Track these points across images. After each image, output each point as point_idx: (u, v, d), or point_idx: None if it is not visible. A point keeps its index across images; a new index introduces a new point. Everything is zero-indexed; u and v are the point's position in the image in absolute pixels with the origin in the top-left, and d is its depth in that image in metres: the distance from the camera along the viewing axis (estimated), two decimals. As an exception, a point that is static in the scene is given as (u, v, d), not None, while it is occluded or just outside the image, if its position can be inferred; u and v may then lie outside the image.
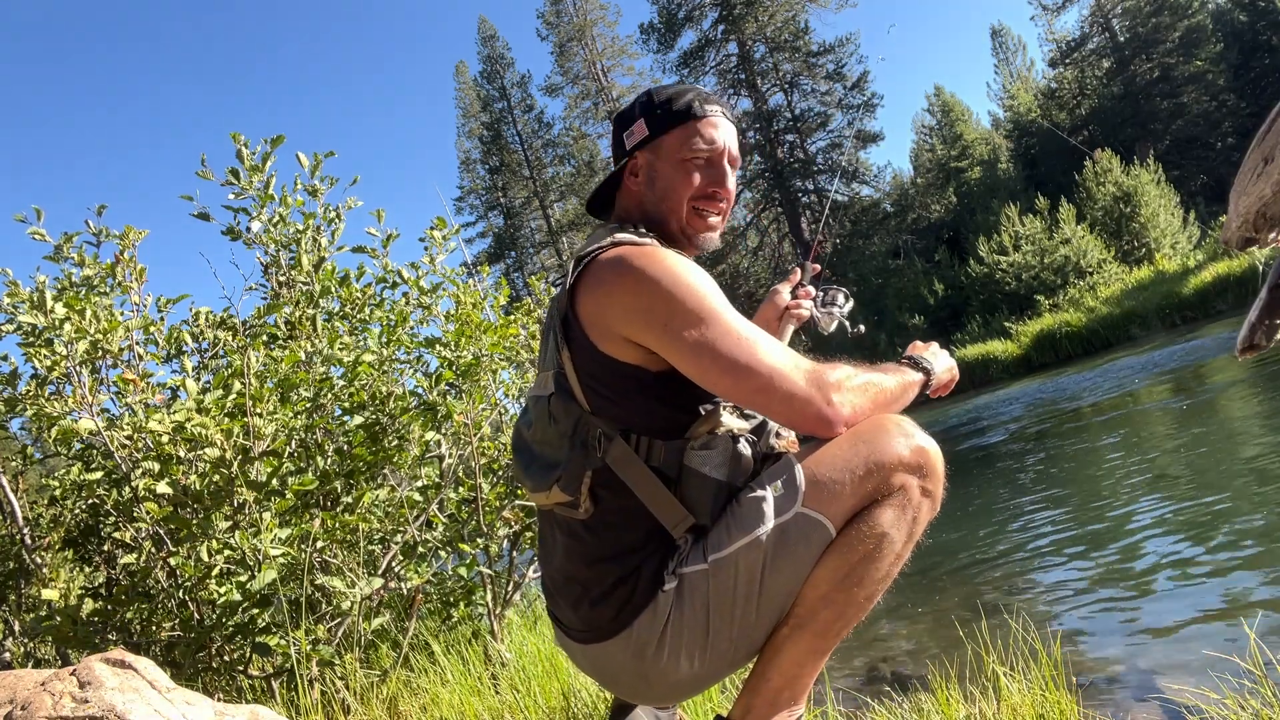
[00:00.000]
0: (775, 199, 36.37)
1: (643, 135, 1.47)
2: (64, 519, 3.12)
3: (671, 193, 1.45)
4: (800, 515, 1.26)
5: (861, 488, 1.25)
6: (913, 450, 1.27)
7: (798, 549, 1.26)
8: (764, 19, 35.01)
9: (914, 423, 1.30)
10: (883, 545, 1.25)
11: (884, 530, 1.25)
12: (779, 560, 1.26)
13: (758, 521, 1.27)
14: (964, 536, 4.60)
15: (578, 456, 1.33)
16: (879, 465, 1.25)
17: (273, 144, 3.26)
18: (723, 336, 1.25)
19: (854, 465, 1.25)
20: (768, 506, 1.27)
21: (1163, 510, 3.86)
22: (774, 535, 1.26)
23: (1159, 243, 23.60)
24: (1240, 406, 6.12)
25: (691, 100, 1.46)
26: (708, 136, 1.45)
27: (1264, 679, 1.53)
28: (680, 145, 1.45)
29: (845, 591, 1.25)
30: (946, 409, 16.06)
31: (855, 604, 1.26)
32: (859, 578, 1.25)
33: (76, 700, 0.90)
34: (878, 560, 1.25)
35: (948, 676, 1.95)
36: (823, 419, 1.25)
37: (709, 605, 1.28)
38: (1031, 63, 41.19)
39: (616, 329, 1.30)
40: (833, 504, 1.25)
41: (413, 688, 2.64)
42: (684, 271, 1.29)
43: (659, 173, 1.46)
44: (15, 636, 3.01)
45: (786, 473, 1.29)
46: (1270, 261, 1.65)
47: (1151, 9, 33.14)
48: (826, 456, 1.28)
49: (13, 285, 2.72)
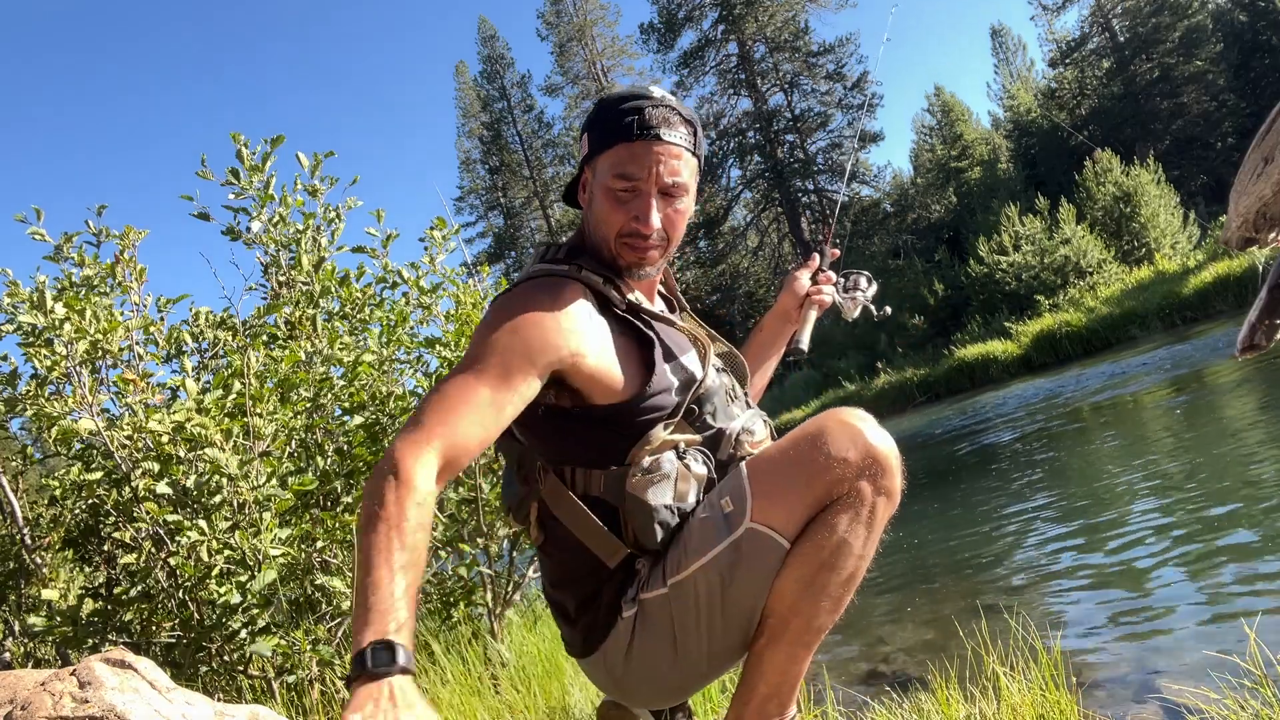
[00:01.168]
0: (775, 199, 36.36)
1: (586, 152, 1.38)
2: (64, 519, 3.12)
3: (601, 223, 1.36)
4: (751, 530, 1.24)
5: (810, 495, 1.22)
6: (860, 451, 1.21)
7: (753, 563, 1.24)
8: (764, 19, 34.99)
9: (864, 415, 1.25)
10: (841, 551, 1.22)
11: (840, 536, 1.22)
12: (736, 576, 1.24)
13: (710, 542, 1.25)
14: (964, 536, 4.59)
15: (522, 489, 1.38)
16: (825, 471, 1.21)
17: (273, 144, 3.26)
18: (441, 386, 1.20)
19: (800, 474, 1.23)
20: (718, 526, 1.26)
21: (1163, 510, 3.86)
22: (728, 553, 1.24)
23: (1159, 243, 23.58)
24: (1240, 407, 6.12)
25: (631, 117, 1.30)
26: (634, 168, 1.31)
27: (1264, 679, 1.53)
28: (608, 171, 1.33)
29: (812, 599, 1.24)
30: (946, 409, 16.07)
31: (825, 608, 1.25)
32: (823, 584, 1.23)
33: (76, 700, 0.90)
34: (839, 566, 1.23)
35: (948, 676, 1.95)
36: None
37: (673, 627, 1.27)
38: (1031, 63, 41.19)
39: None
40: (782, 516, 1.23)
41: (413, 688, 2.64)
42: (504, 322, 1.24)
43: (594, 196, 1.37)
44: (15, 636, 3.01)
45: (735, 487, 1.27)
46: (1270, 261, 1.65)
47: (1151, 9, 33.12)
48: (775, 465, 1.26)
49: (13, 285, 2.72)
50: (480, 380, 1.18)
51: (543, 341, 1.23)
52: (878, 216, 34.91)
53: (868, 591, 3.90)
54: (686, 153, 1.34)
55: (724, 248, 37.49)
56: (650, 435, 1.30)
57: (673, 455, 1.30)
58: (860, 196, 35.44)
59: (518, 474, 1.40)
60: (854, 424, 1.23)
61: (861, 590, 1.33)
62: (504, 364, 1.20)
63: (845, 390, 23.89)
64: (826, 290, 1.79)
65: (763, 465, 1.27)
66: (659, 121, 1.31)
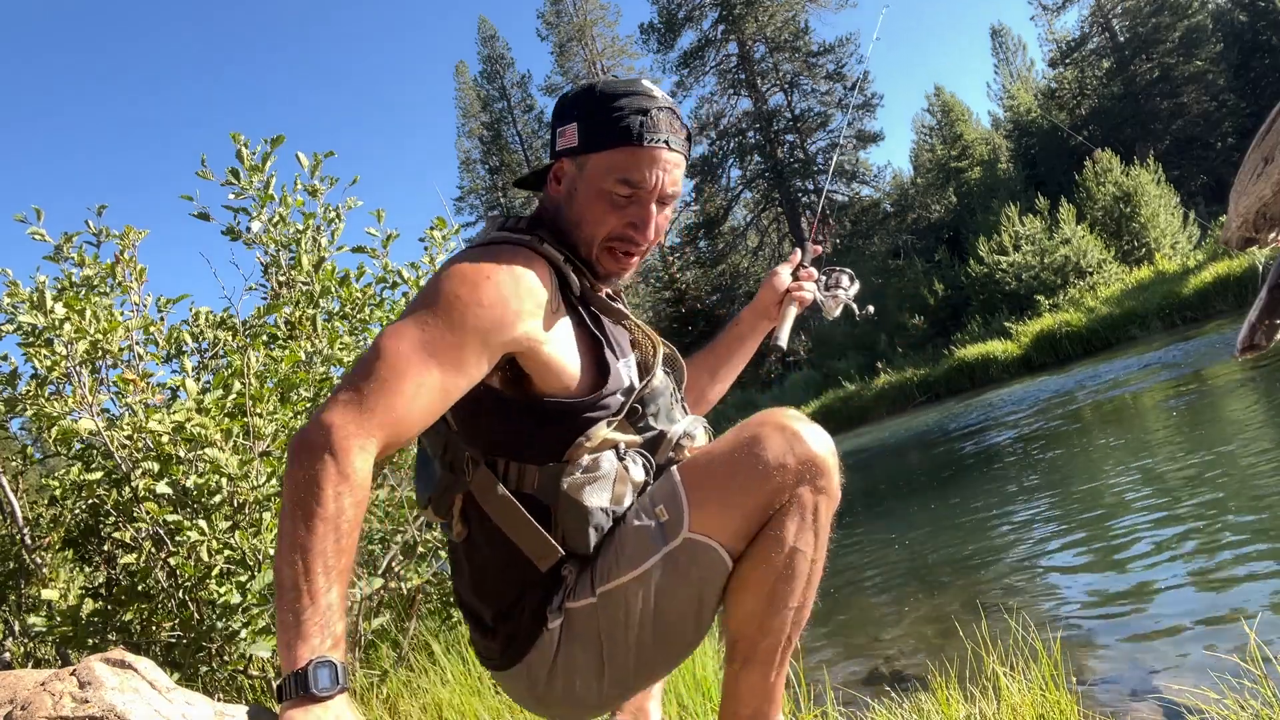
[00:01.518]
0: (775, 199, 36.38)
1: (571, 144, 1.28)
2: (64, 519, 3.12)
3: (586, 223, 1.28)
4: (689, 541, 1.18)
5: (749, 504, 1.18)
6: (797, 456, 1.17)
7: (690, 574, 1.19)
8: (764, 19, 35.02)
9: (799, 416, 1.21)
10: (794, 559, 1.18)
11: (790, 545, 1.18)
12: (672, 589, 1.19)
13: (645, 552, 1.19)
14: (964, 536, 4.60)
15: (447, 478, 1.26)
16: (764, 479, 1.16)
17: (272, 144, 3.26)
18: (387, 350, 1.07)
19: (738, 482, 1.17)
20: (653, 535, 1.20)
21: (1163, 510, 3.86)
22: (663, 564, 1.19)
23: (1159, 243, 23.59)
24: (1240, 407, 6.12)
25: (637, 119, 1.24)
26: (639, 175, 1.25)
27: (1264, 679, 1.53)
28: (605, 173, 1.25)
29: (776, 614, 1.20)
30: (946, 409, 16.07)
31: (790, 620, 1.21)
32: (784, 597, 1.19)
33: (76, 700, 0.90)
34: (795, 575, 1.19)
35: (948, 676, 1.95)
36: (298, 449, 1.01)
37: (600, 639, 1.21)
38: (1031, 63, 41.20)
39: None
40: (721, 526, 1.18)
41: (413, 688, 2.64)
42: (463, 291, 1.13)
43: (579, 193, 1.28)
44: (15, 636, 3.01)
45: (671, 494, 1.21)
46: (1270, 261, 1.65)
47: (1151, 9, 33.14)
48: (711, 472, 1.20)
49: (13, 285, 2.72)
50: (432, 357, 1.07)
51: (502, 319, 1.14)
52: (878, 216, 34.94)
53: (868, 591, 3.91)
54: (683, 160, 1.31)
55: (724, 248, 37.51)
56: (591, 433, 1.23)
57: (613, 456, 1.24)
58: (860, 196, 35.46)
59: (441, 460, 1.28)
60: (790, 426, 1.19)
61: (861, 590, 1.32)
62: (459, 343, 1.10)
63: (845, 390, 23.89)
64: (808, 287, 1.74)
65: (698, 472, 1.22)
66: (666, 128, 1.26)
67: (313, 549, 0.93)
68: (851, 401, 23.15)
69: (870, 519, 6.35)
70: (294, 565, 0.93)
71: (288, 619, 0.92)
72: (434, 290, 1.13)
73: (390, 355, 1.05)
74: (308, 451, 0.98)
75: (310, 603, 0.91)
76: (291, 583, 0.92)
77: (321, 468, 0.96)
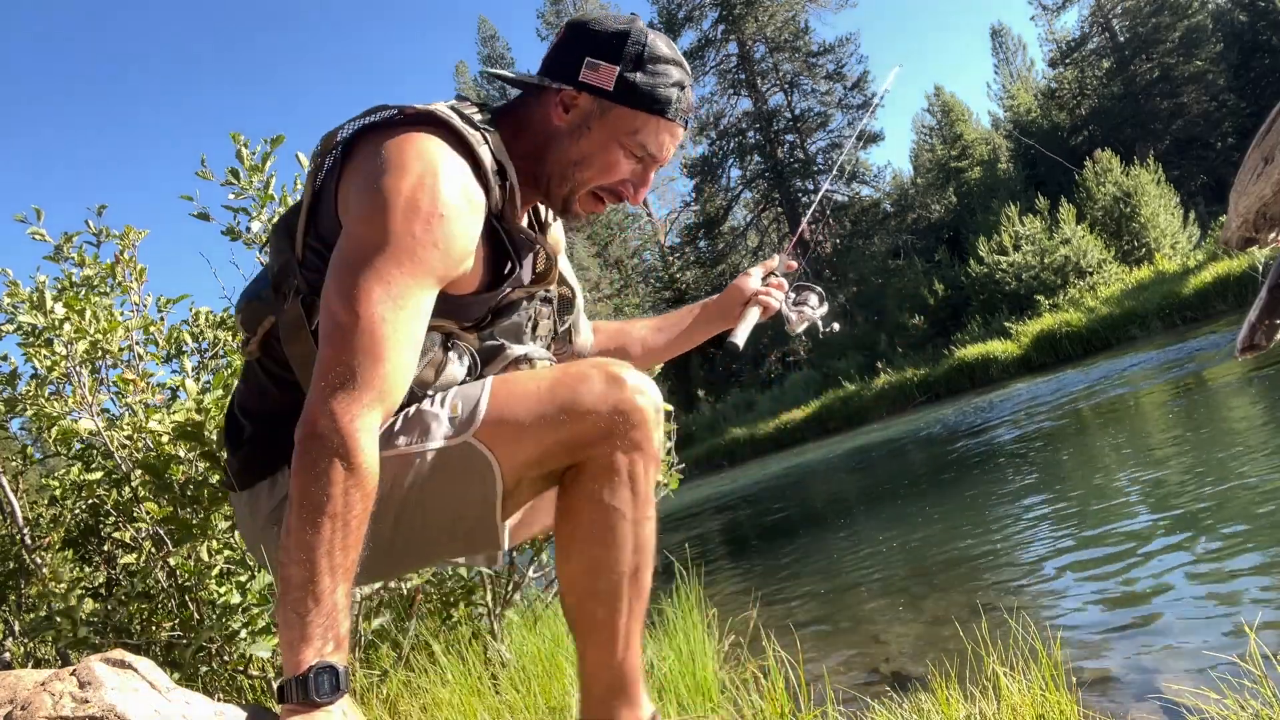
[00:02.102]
0: (775, 199, 36.39)
1: (606, 87, 1.22)
2: (64, 519, 3.12)
3: (586, 166, 1.25)
4: (467, 445, 1.11)
5: (547, 437, 1.10)
6: (614, 404, 1.10)
7: (453, 480, 1.12)
8: (764, 19, 35.03)
9: (629, 367, 1.14)
10: (612, 520, 1.12)
11: (605, 503, 1.11)
12: (429, 485, 1.12)
13: (421, 437, 1.12)
14: (964, 536, 4.59)
15: (267, 296, 1.21)
16: (572, 415, 1.09)
17: (273, 144, 3.25)
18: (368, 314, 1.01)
19: (544, 410, 1.10)
20: (437, 426, 1.13)
21: (1163, 510, 3.86)
22: (433, 458, 1.12)
23: (1159, 243, 23.60)
24: (1240, 407, 6.12)
25: (674, 93, 1.24)
26: (660, 142, 1.26)
27: (1264, 679, 1.53)
28: (629, 131, 1.24)
29: (600, 578, 1.13)
30: (946, 409, 16.07)
31: (622, 588, 1.14)
32: (607, 562, 1.13)
33: (76, 700, 0.90)
34: (615, 538, 1.12)
35: (948, 676, 1.95)
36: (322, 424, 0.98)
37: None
38: (1031, 63, 41.21)
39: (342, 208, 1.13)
40: (508, 445, 1.11)
41: (413, 688, 2.64)
42: (427, 218, 1.05)
43: (591, 134, 1.24)
44: (15, 636, 3.01)
45: (469, 396, 1.15)
46: (1270, 261, 1.65)
47: (1151, 9, 33.14)
48: (521, 392, 1.13)
49: (13, 285, 2.72)
50: (402, 309, 1.03)
51: (459, 258, 1.11)
52: (878, 216, 34.94)
53: (868, 591, 3.91)
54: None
55: (724, 248, 37.51)
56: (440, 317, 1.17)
57: (438, 339, 1.18)
58: (860, 196, 35.47)
59: (274, 278, 1.22)
60: (618, 374, 1.12)
61: (861, 590, 1.31)
62: (422, 286, 1.06)
63: (845, 390, 23.90)
64: (775, 295, 1.68)
65: (509, 386, 1.15)
66: (689, 107, 1.28)
67: (319, 547, 0.91)
68: (851, 401, 23.16)
69: (870, 519, 6.35)
70: (300, 564, 0.91)
71: (291, 618, 0.91)
72: (385, 223, 1.05)
73: (365, 322, 1.00)
74: (317, 444, 0.96)
75: (315, 604, 0.90)
76: (297, 581, 0.91)
77: (330, 463, 0.94)
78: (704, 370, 34.77)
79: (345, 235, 1.08)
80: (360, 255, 1.04)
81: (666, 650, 2.48)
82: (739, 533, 8.17)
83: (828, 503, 8.82)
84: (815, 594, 4.13)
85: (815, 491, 10.46)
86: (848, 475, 11.07)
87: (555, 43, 1.28)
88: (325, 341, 1.02)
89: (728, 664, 2.81)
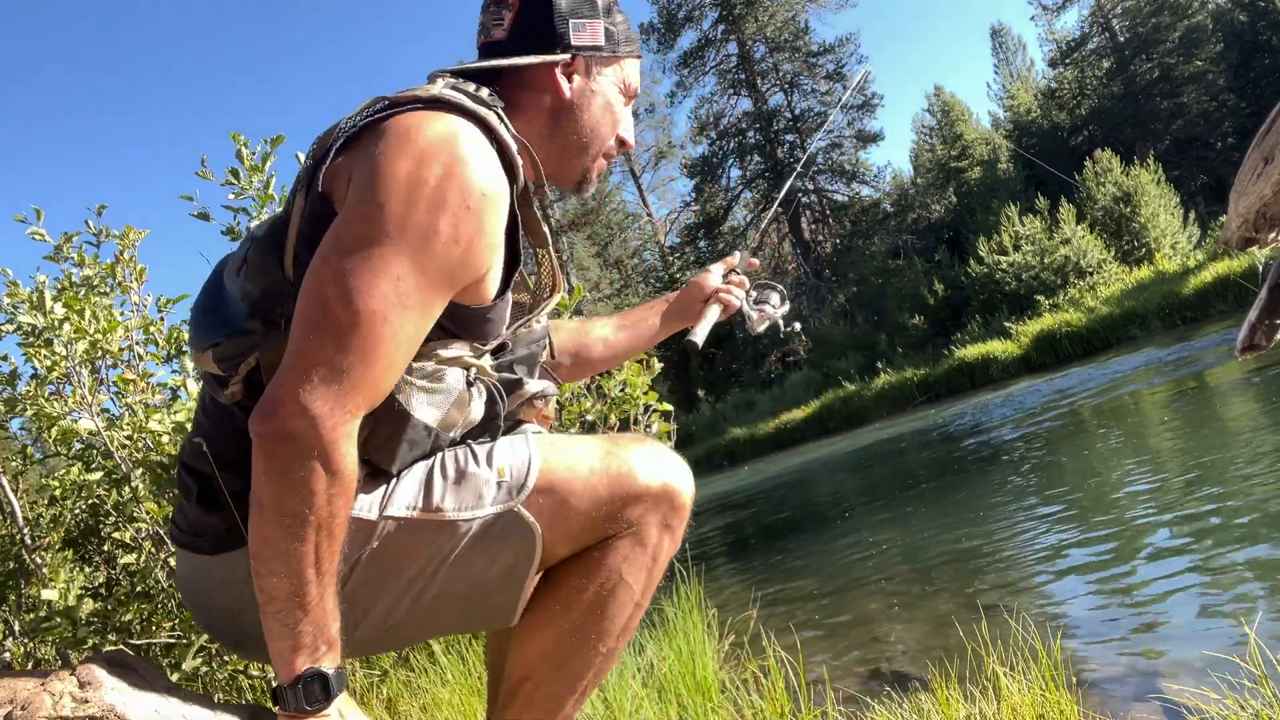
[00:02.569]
0: (775, 199, 36.36)
1: (599, 43, 1.16)
2: (64, 519, 3.12)
3: (597, 136, 1.20)
4: (514, 514, 1.02)
5: (594, 511, 1.04)
6: (663, 484, 1.06)
7: (493, 551, 1.02)
8: (764, 19, 35.03)
9: (669, 449, 1.11)
10: (618, 594, 1.05)
11: (619, 575, 1.04)
12: (468, 557, 1.02)
13: (468, 504, 1.02)
14: (964, 537, 4.59)
15: (253, 329, 1.02)
16: (624, 491, 1.04)
17: (272, 144, 3.25)
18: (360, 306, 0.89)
19: (598, 483, 1.03)
20: (488, 491, 1.03)
21: (1162, 511, 3.86)
22: (476, 528, 1.02)
23: (1159, 243, 23.60)
24: (1240, 407, 6.12)
25: (630, 28, 1.21)
26: (636, 84, 1.23)
27: (1264, 679, 1.53)
28: (618, 82, 1.20)
29: (578, 654, 1.05)
30: (946, 409, 16.07)
31: (593, 668, 1.06)
32: (594, 636, 1.05)
33: (76, 700, 0.90)
34: (612, 613, 1.05)
35: (948, 676, 1.95)
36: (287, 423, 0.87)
37: (353, 564, 1.00)
38: (1031, 63, 41.19)
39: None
40: (555, 516, 1.03)
41: (412, 688, 2.64)
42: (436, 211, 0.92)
43: (593, 100, 1.18)
44: (15, 636, 3.01)
45: (522, 459, 1.05)
46: (1270, 261, 1.65)
47: (1151, 9, 33.14)
48: (573, 459, 1.05)
49: (13, 285, 2.72)
50: (407, 310, 0.92)
51: (477, 261, 0.98)
52: (878, 216, 34.94)
53: (868, 591, 3.91)
54: None
55: (724, 248, 37.47)
56: (452, 343, 1.05)
57: (461, 375, 1.06)
58: (860, 196, 35.48)
59: (255, 306, 1.03)
60: (669, 455, 1.10)
61: (861, 590, 1.31)
62: (432, 286, 0.94)
63: (845, 390, 23.90)
64: (736, 293, 1.64)
65: (559, 454, 1.06)
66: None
67: (304, 558, 0.86)
68: (851, 401, 23.16)
69: (870, 519, 6.35)
70: (283, 575, 0.86)
71: (277, 629, 0.87)
72: (402, 212, 0.92)
73: (366, 319, 0.89)
74: (291, 448, 0.86)
75: (303, 614, 0.86)
76: (282, 594, 0.86)
77: (310, 469, 0.86)
78: (704, 370, 34.76)
79: (348, 218, 0.93)
80: (366, 243, 0.91)
81: (666, 650, 2.48)
82: (739, 533, 8.18)
83: (828, 503, 8.82)
84: (815, 594, 4.13)
85: (815, 491, 10.46)
86: (848, 475, 11.07)
87: (518, 12, 1.14)
88: (309, 330, 0.89)
89: (728, 664, 2.81)
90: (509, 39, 1.14)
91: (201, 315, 1.09)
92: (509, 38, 1.14)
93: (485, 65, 1.13)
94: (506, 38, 1.14)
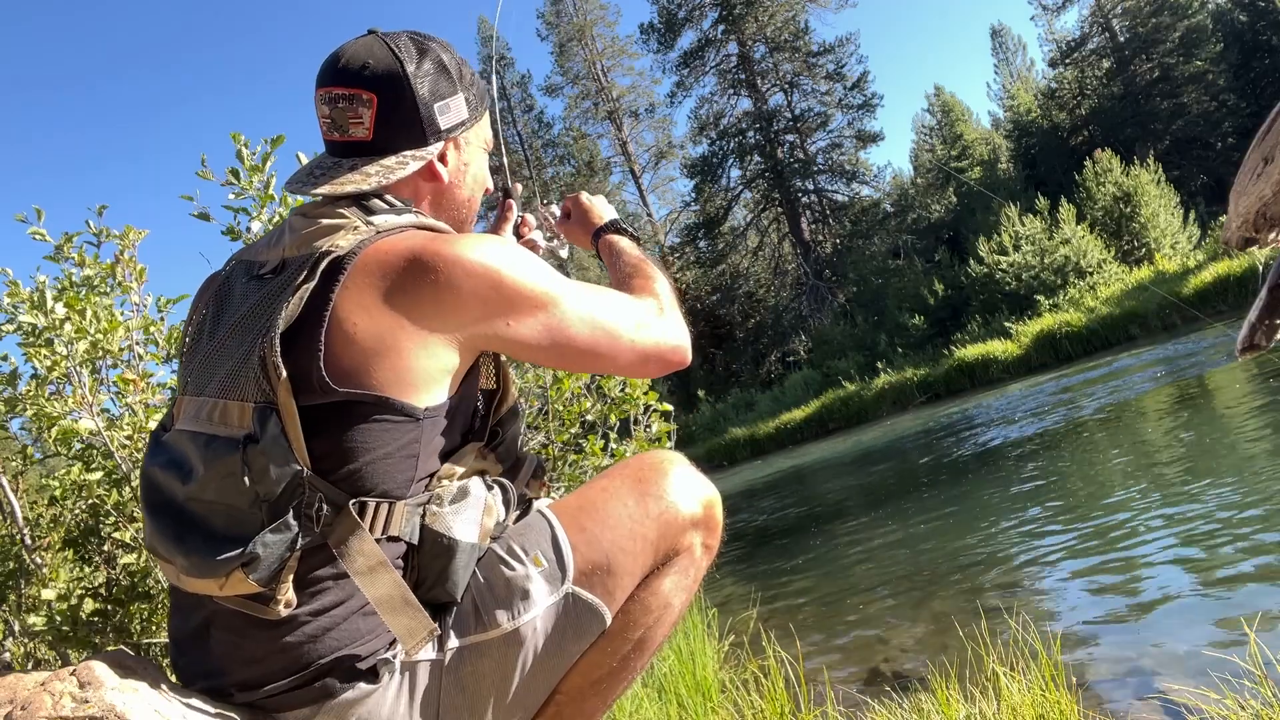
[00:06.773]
0: (775, 199, 36.37)
1: (460, 119, 1.15)
2: (64, 519, 3.12)
3: (477, 189, 1.23)
4: (572, 597, 1.00)
5: (648, 558, 1.03)
6: (701, 503, 1.08)
7: (565, 641, 1.01)
8: (764, 19, 35.03)
9: (688, 462, 1.11)
10: (664, 617, 1.06)
11: (667, 600, 1.05)
12: (542, 656, 1.00)
13: (520, 608, 0.99)
14: (964, 537, 4.59)
15: (283, 532, 0.91)
16: (669, 526, 1.04)
17: (273, 144, 3.25)
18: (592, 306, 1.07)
19: (642, 529, 1.03)
20: (534, 586, 0.99)
21: (1163, 511, 3.86)
22: (539, 625, 0.99)
23: (1159, 243, 23.59)
24: (1240, 407, 6.12)
25: (478, 82, 1.20)
26: (489, 129, 1.25)
27: (1264, 679, 1.53)
28: (483, 142, 1.23)
29: (620, 679, 1.07)
30: (946, 409, 16.07)
31: (623, 686, 1.08)
32: (636, 658, 1.06)
33: (76, 700, 0.90)
34: (658, 633, 1.06)
35: (948, 676, 1.95)
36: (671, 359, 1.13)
37: (438, 700, 0.98)
38: (1031, 63, 41.24)
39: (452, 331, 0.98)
40: (611, 580, 1.01)
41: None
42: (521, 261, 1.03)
43: (470, 165, 1.20)
44: (15, 636, 3.01)
45: (545, 537, 1.03)
46: (1270, 261, 1.65)
47: (1151, 9, 33.13)
48: (606, 515, 1.03)
49: (13, 285, 2.72)
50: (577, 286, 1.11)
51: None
52: (878, 216, 34.93)
53: (868, 591, 3.90)
54: None
55: (724, 248, 37.50)
56: (464, 451, 1.05)
57: (480, 483, 1.04)
58: (860, 196, 35.48)
59: (271, 507, 0.92)
60: (690, 471, 1.10)
61: (861, 590, 1.31)
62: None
63: (845, 390, 23.90)
64: (534, 236, 1.57)
65: (589, 518, 1.04)
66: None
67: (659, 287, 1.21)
68: (851, 401, 23.16)
69: (870, 519, 6.35)
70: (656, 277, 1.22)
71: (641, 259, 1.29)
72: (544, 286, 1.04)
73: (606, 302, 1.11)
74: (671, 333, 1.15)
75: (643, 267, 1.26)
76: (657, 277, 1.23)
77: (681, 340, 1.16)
78: (704, 370, 34.77)
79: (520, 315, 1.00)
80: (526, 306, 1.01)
81: (666, 650, 2.48)
82: (739, 533, 8.17)
83: (828, 503, 8.82)
84: (815, 594, 4.12)
85: (815, 491, 10.46)
86: (848, 475, 11.07)
87: (378, 108, 1.09)
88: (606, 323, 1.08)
89: (728, 664, 2.81)
90: (374, 138, 1.10)
91: (185, 538, 0.95)
92: (373, 136, 1.10)
93: (376, 186, 1.08)
94: (370, 136, 1.09)
